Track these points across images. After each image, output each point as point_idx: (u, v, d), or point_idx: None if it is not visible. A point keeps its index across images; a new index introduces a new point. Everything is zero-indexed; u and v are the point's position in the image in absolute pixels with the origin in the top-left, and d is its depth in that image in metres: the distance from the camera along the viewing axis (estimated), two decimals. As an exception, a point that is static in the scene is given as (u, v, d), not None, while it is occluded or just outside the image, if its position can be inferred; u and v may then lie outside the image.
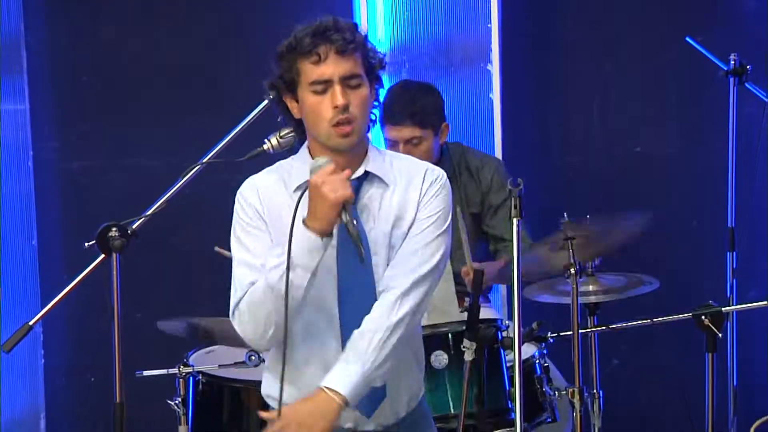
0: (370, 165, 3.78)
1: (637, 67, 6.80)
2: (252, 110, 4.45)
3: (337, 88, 3.64)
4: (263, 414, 3.73)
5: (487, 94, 6.61)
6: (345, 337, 3.75)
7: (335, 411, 3.66)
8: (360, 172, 3.76)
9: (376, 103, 3.83)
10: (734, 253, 6.21)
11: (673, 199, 6.53)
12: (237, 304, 3.70)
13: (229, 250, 3.81)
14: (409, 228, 3.81)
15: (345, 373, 3.68)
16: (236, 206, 3.81)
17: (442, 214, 3.83)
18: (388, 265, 3.79)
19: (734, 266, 6.16)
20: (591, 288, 5.42)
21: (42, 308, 6.91)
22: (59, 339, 7.08)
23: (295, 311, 3.67)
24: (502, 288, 6.26)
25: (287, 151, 4.04)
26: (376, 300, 3.75)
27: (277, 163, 3.92)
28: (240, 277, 3.73)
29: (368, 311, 3.73)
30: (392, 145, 5.51)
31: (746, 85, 6.13)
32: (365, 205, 3.79)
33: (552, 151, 5.58)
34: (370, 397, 3.79)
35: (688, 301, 5.11)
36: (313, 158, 3.74)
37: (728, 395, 6.46)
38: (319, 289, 3.73)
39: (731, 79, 6.11)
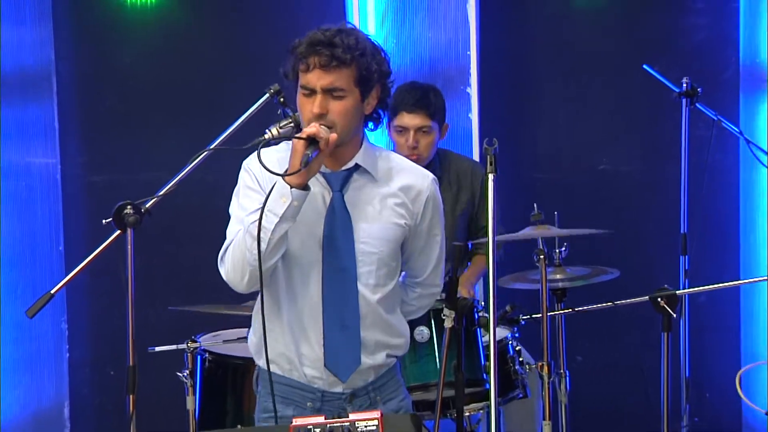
0: (361, 159, 3.79)
1: (601, 91, 6.83)
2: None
3: (318, 98, 3.66)
4: None
5: (467, 114, 6.66)
6: (326, 292, 3.78)
7: None
8: (351, 164, 3.78)
9: (379, 108, 3.85)
10: (686, 256, 6.23)
11: (632, 209, 6.58)
12: (224, 252, 3.75)
13: None
14: (416, 228, 3.90)
15: None
16: (241, 172, 3.86)
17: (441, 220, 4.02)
18: (370, 238, 3.81)
19: (686, 267, 6.16)
20: (558, 276, 5.46)
21: (68, 309, 7.03)
22: (82, 335, 7.09)
23: (271, 260, 3.67)
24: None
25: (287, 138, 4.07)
26: (354, 263, 3.78)
27: (284, 143, 3.93)
28: (230, 229, 3.79)
29: (345, 273, 3.78)
30: (401, 132, 5.54)
31: (697, 105, 6.16)
32: (354, 191, 3.81)
33: (524, 166, 5.62)
34: (346, 364, 3.80)
35: (645, 290, 5.10)
36: None
37: (681, 385, 6.51)
38: (306, 244, 3.76)
39: (684, 101, 6.15)
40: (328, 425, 3.24)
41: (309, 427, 3.24)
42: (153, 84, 6.89)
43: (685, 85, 6.14)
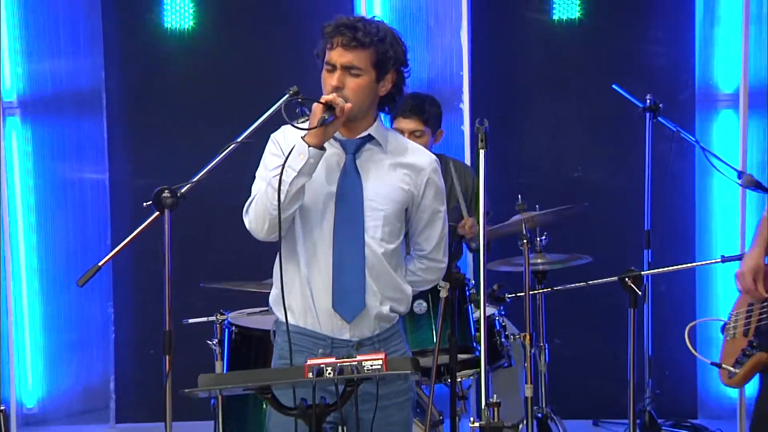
0: (374, 131, 3.75)
1: (576, 108, 6.79)
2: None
3: (338, 73, 3.65)
4: None
5: (459, 126, 6.63)
6: (336, 239, 3.71)
7: None
8: (365, 134, 3.74)
9: (394, 93, 3.78)
10: (649, 250, 6.17)
11: (604, 211, 6.46)
12: (248, 205, 3.69)
13: None
14: (417, 213, 3.84)
15: None
16: (268, 143, 3.83)
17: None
18: (376, 197, 3.74)
19: (650, 260, 6.10)
20: (539, 261, 5.46)
21: (113, 297, 6.92)
22: (126, 320, 7.01)
23: (289, 210, 3.61)
24: (469, 258, 6.20)
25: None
26: (361, 216, 3.72)
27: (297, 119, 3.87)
28: (254, 186, 3.74)
29: (354, 223, 3.71)
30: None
31: (659, 119, 6.13)
32: (366, 156, 3.77)
33: (510, 171, 5.61)
34: (351, 305, 3.71)
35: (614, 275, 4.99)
36: None
37: (645, 364, 6.40)
38: (321, 202, 3.70)
39: (647, 115, 6.12)
40: (338, 364, 3.16)
41: (322, 365, 3.15)
42: (190, 98, 6.82)
43: (648, 101, 6.11)
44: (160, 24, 6.73)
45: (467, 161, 6.33)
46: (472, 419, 4.42)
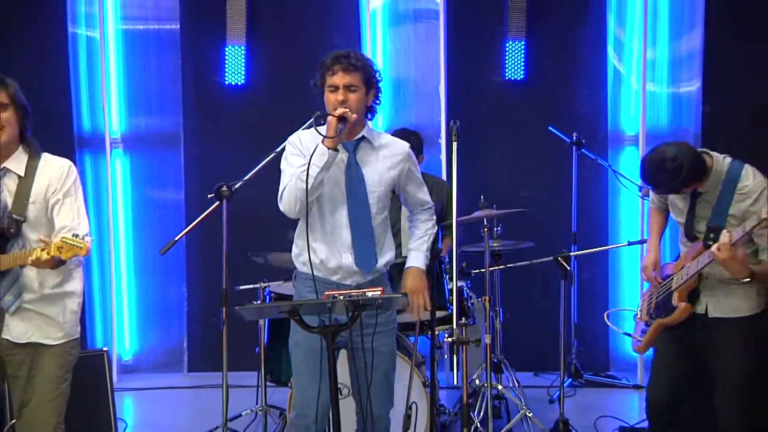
0: (366, 133, 3.76)
1: (523, 144, 6.74)
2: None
3: (341, 91, 3.65)
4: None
5: (438, 156, 6.59)
6: (351, 218, 3.71)
7: (423, 280, 3.80)
8: (359, 136, 3.74)
9: (377, 101, 3.78)
10: (575, 246, 6.19)
11: (542, 217, 6.37)
12: (280, 194, 3.66)
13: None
14: (405, 183, 3.84)
15: (421, 258, 3.84)
16: (286, 147, 3.81)
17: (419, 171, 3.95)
18: (378, 186, 3.74)
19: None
20: (496, 245, 5.41)
21: (186, 279, 6.92)
22: (195, 297, 6.99)
23: (313, 195, 3.59)
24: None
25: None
26: (366, 198, 3.72)
27: (310, 131, 3.83)
28: (283, 180, 3.71)
29: (362, 204, 3.71)
30: None
31: (582, 150, 6.15)
32: (362, 153, 3.76)
33: (476, 188, 5.52)
34: (369, 263, 3.72)
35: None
36: None
37: (572, 329, 6.41)
38: (333, 190, 3.70)
39: (573, 148, 6.16)
40: (348, 293, 3.18)
41: (336, 294, 3.17)
42: (243, 136, 6.78)
43: (574, 138, 6.15)
44: (221, 81, 6.73)
45: (444, 177, 6.31)
46: (446, 335, 4.37)
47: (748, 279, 3.69)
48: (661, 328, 4.05)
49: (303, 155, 3.65)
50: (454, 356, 3.80)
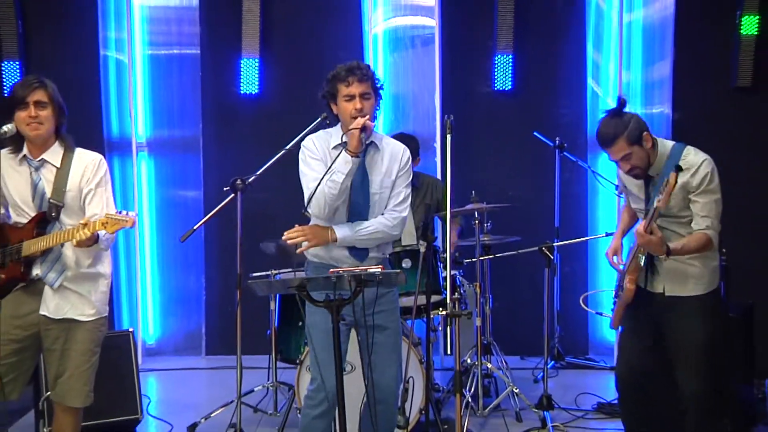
0: (373, 138, 3.76)
1: (511, 148, 6.73)
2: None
3: (357, 99, 3.65)
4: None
5: (433, 158, 6.62)
6: (351, 220, 3.73)
7: (329, 236, 3.66)
8: (369, 140, 3.74)
9: (378, 106, 3.79)
10: (558, 239, 6.13)
11: (528, 214, 6.44)
12: (309, 199, 3.61)
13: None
14: (394, 181, 3.77)
15: (346, 231, 3.69)
16: (302, 150, 3.78)
17: (410, 177, 3.87)
18: (380, 189, 3.73)
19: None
20: (486, 238, 5.41)
21: (205, 271, 6.93)
22: (213, 287, 6.99)
23: (339, 200, 3.60)
24: (439, 234, 6.09)
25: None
26: (369, 200, 3.72)
27: (324, 131, 3.88)
28: (308, 184, 3.68)
29: (363, 207, 3.72)
30: None
31: (564, 153, 6.13)
32: (371, 157, 3.76)
33: (468, 187, 5.53)
34: (360, 252, 3.74)
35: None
36: (343, 132, 3.72)
37: (555, 315, 6.42)
38: (344, 194, 3.68)
39: (557, 152, 6.13)
40: (351, 270, 3.20)
41: (340, 272, 3.18)
42: (256, 140, 6.75)
43: (557, 141, 6.12)
44: (236, 91, 6.73)
45: (438, 176, 6.31)
46: (440, 309, 4.36)
47: (664, 256, 3.68)
48: (623, 307, 4.06)
49: (321, 159, 3.66)
50: (448, 329, 3.82)
